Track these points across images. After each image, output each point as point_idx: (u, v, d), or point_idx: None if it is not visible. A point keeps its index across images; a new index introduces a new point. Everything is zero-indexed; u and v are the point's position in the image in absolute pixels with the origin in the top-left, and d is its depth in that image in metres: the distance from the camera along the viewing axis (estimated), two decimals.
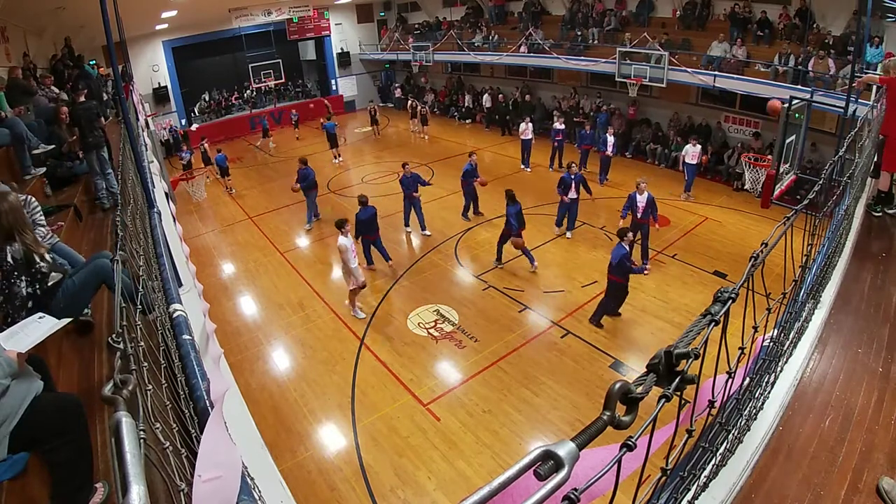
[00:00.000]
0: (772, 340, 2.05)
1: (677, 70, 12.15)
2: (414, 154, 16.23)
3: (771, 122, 11.83)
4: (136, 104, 10.71)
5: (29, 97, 6.67)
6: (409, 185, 10.03)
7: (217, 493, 1.53)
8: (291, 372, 6.88)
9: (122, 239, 2.84)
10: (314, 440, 5.74)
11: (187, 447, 1.82)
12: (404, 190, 10.14)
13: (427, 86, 22.10)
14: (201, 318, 3.72)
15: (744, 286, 1.37)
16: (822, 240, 2.86)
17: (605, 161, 12.19)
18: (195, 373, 2.24)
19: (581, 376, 6.31)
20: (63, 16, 10.53)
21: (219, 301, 8.52)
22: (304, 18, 20.15)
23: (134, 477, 1.16)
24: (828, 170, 2.59)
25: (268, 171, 15.91)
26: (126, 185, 4.71)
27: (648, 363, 0.99)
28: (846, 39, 10.24)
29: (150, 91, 18.41)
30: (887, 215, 4.24)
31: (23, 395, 1.91)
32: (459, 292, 8.41)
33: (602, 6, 15.35)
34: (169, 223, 5.34)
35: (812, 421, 2.22)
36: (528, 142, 13.61)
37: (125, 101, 5.85)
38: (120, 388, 1.54)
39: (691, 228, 9.95)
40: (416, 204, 10.17)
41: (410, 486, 5.03)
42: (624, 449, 0.84)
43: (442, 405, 6.03)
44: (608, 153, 11.96)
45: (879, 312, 2.97)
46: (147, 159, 6.73)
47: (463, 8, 20.31)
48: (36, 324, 2.20)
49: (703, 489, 1.77)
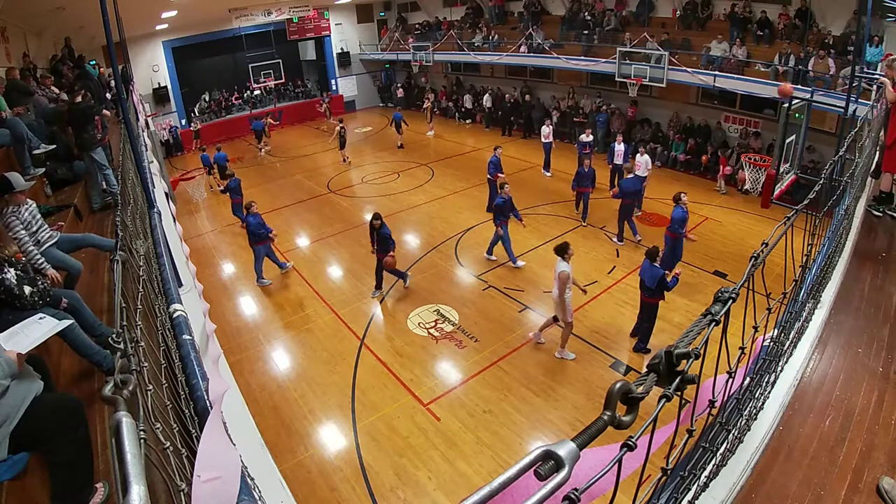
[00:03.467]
0: (772, 340, 2.05)
1: (677, 70, 12.15)
2: (414, 154, 16.25)
3: (771, 122, 11.84)
4: (137, 104, 10.71)
5: (28, 97, 6.67)
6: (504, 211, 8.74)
7: (217, 494, 1.53)
8: (291, 372, 6.88)
9: (123, 239, 2.84)
10: (314, 440, 5.74)
11: (187, 447, 1.82)
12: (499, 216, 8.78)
13: (427, 86, 22.09)
14: (201, 318, 3.72)
15: (744, 286, 1.37)
16: (823, 240, 2.86)
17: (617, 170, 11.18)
18: (195, 373, 2.24)
19: (581, 376, 6.31)
20: (63, 16, 10.52)
21: (219, 301, 8.52)
22: (304, 18, 20.15)
23: (134, 477, 1.16)
24: (828, 170, 2.60)
25: (268, 171, 15.91)
26: (126, 185, 4.71)
27: (649, 363, 0.99)
28: (846, 39, 10.24)
29: (150, 91, 18.40)
30: (888, 215, 4.24)
31: (23, 396, 1.91)
32: (459, 292, 8.41)
33: (602, 6, 15.35)
34: (169, 223, 5.34)
35: (812, 421, 2.22)
36: (549, 145, 13.06)
37: (125, 101, 5.86)
38: (120, 388, 1.54)
39: (691, 228, 9.94)
40: (506, 233, 8.89)
41: (410, 486, 5.03)
42: (624, 449, 0.84)
43: (442, 405, 6.03)
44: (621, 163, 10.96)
45: (879, 312, 2.97)
46: (147, 159, 6.73)
47: (463, 8, 20.29)
48: (36, 324, 2.21)
49: (704, 489, 1.77)
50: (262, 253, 8.81)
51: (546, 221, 10.56)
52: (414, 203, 12.15)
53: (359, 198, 13.09)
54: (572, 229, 10.16)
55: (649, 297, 6.34)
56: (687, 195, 7.97)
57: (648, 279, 6.17)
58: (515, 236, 10.16)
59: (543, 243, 9.67)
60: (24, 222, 3.35)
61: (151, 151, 9.35)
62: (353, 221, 11.35)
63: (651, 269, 6.13)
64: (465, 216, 11.19)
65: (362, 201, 12.75)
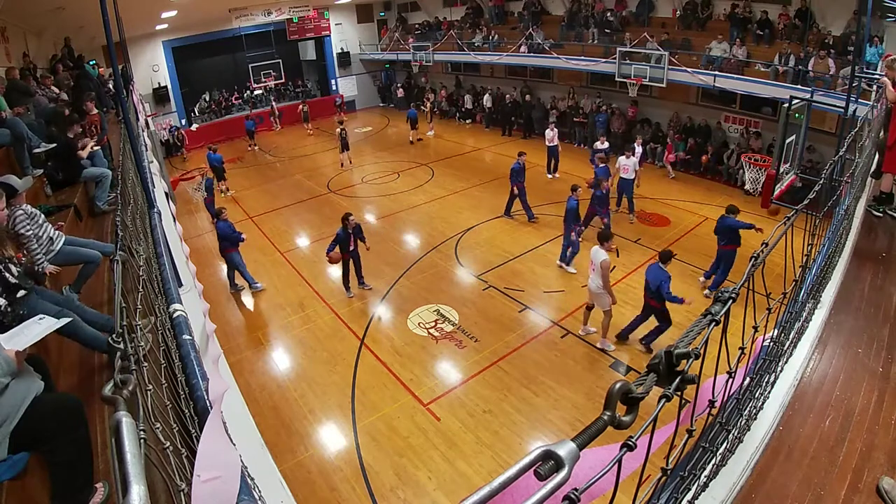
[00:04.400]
0: (772, 340, 2.05)
1: (677, 70, 12.15)
2: (414, 154, 16.25)
3: (771, 122, 11.84)
4: (137, 104, 10.71)
5: (28, 97, 6.67)
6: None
7: (217, 494, 1.53)
8: (291, 372, 6.88)
9: (123, 239, 2.84)
10: (314, 440, 5.74)
11: (187, 447, 1.82)
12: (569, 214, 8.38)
13: (427, 86, 22.10)
14: (201, 318, 3.72)
15: (744, 286, 1.37)
16: (823, 240, 2.87)
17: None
18: (195, 373, 2.23)
19: (581, 376, 6.31)
20: (63, 16, 10.53)
21: (219, 301, 8.52)
22: (304, 18, 20.15)
23: (134, 477, 1.16)
24: (828, 170, 2.60)
25: (268, 171, 15.92)
26: (126, 184, 4.71)
27: (649, 363, 0.99)
28: (846, 39, 10.24)
29: (150, 91, 18.40)
30: (888, 216, 4.24)
31: (23, 396, 1.91)
32: (459, 292, 8.41)
33: (602, 6, 15.35)
34: (169, 223, 5.34)
35: (812, 421, 2.22)
36: (555, 148, 12.81)
37: (125, 100, 5.86)
38: (120, 388, 1.54)
39: (691, 228, 9.95)
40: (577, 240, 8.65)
41: (410, 486, 5.03)
42: (624, 449, 0.84)
43: (442, 405, 6.03)
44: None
45: (879, 312, 2.97)
46: (147, 159, 6.73)
47: (463, 8, 20.30)
48: (35, 324, 2.21)
49: (704, 489, 1.77)
50: (236, 259, 8.46)
51: (546, 221, 10.56)
52: (414, 203, 12.15)
53: (359, 198, 13.09)
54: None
55: (649, 297, 6.29)
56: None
57: (652, 281, 6.09)
58: (516, 235, 10.20)
59: (543, 243, 9.67)
60: (29, 214, 3.35)
61: (151, 151, 9.34)
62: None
63: (657, 271, 6.04)
64: (465, 216, 11.19)
65: (362, 201, 12.75)
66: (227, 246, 8.32)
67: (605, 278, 6.14)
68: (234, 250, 8.40)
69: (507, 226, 10.63)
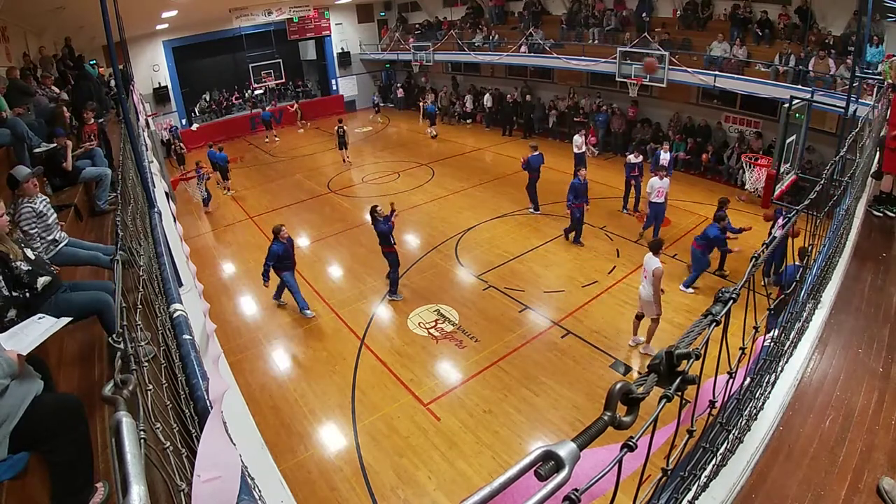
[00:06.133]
0: (772, 340, 2.05)
1: (677, 70, 12.14)
2: (414, 154, 16.25)
3: (771, 122, 11.83)
4: (137, 104, 10.71)
5: (28, 97, 6.66)
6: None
7: (217, 494, 1.53)
8: (291, 372, 6.88)
9: (123, 238, 2.84)
10: (314, 440, 5.74)
11: (187, 447, 1.82)
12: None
13: (427, 86, 22.10)
14: (201, 317, 3.72)
15: (744, 286, 1.37)
16: (823, 240, 2.87)
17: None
18: (195, 372, 2.23)
19: (581, 376, 6.31)
20: (63, 16, 10.53)
21: (219, 301, 8.52)
22: (305, 18, 20.14)
23: (134, 477, 1.16)
24: (829, 170, 2.59)
25: (268, 171, 15.91)
26: (126, 184, 4.71)
27: (649, 363, 0.99)
28: (846, 39, 10.23)
29: (150, 91, 18.40)
30: (888, 216, 4.24)
31: (23, 396, 1.91)
32: (460, 292, 8.41)
33: (602, 6, 15.35)
34: (169, 223, 5.34)
35: (812, 421, 2.22)
36: (582, 156, 11.90)
37: (125, 100, 5.86)
38: (120, 388, 1.54)
39: (691, 228, 9.94)
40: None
41: (411, 486, 5.03)
42: (625, 449, 0.84)
43: (442, 405, 6.03)
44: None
45: (880, 313, 2.97)
46: (147, 159, 6.73)
47: (463, 8, 20.30)
48: (36, 324, 2.20)
49: (704, 489, 1.77)
50: (290, 282, 7.83)
51: (546, 221, 10.56)
52: (414, 203, 12.15)
53: (359, 197, 13.09)
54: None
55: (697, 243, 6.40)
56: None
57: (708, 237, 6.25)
58: (516, 235, 10.19)
59: (543, 243, 9.67)
60: (38, 213, 3.34)
61: (151, 151, 9.34)
62: (354, 221, 11.35)
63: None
64: (466, 216, 11.18)
65: (363, 201, 12.74)
66: (280, 267, 7.65)
67: (656, 286, 6.15)
68: (286, 271, 7.79)
69: (508, 226, 10.63)
